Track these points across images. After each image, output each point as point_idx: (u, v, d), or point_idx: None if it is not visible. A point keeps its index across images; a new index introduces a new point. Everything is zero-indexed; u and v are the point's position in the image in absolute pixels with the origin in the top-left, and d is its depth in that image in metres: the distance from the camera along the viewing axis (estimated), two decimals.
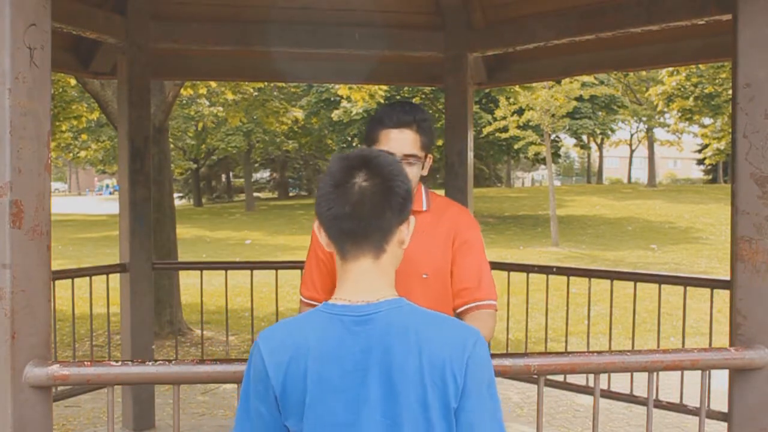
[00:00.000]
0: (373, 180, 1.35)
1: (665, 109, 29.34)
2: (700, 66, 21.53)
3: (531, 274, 4.93)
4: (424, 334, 1.30)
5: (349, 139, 30.62)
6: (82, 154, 21.26)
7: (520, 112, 21.07)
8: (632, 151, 45.15)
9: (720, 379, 3.27)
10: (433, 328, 1.32)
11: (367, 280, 1.36)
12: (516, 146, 26.53)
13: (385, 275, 1.39)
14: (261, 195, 42.26)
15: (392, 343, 1.29)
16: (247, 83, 10.41)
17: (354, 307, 1.33)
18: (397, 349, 1.28)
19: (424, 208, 2.12)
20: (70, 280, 4.55)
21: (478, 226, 2.16)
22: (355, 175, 1.36)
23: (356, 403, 1.28)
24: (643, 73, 30.39)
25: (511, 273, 5.04)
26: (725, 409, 2.26)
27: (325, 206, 1.37)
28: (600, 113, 31.88)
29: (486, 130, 24.39)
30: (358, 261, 1.37)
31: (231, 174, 43.11)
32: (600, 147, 45.84)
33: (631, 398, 4.48)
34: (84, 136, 17.93)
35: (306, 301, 2.21)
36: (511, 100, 20.76)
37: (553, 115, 19.35)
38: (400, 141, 2.01)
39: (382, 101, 13.53)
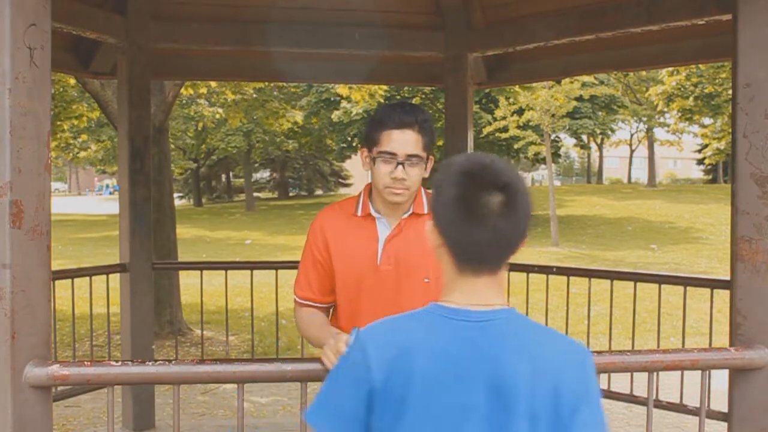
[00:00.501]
0: (509, 211, 1.30)
1: (665, 109, 29.35)
2: (700, 66, 21.55)
3: (531, 274, 4.92)
4: (537, 344, 1.29)
5: (349, 139, 30.61)
6: (82, 154, 21.27)
7: (520, 112, 21.07)
8: (632, 151, 45.16)
9: (720, 379, 3.27)
10: (547, 339, 1.31)
11: (482, 291, 1.34)
12: (516, 146, 26.50)
13: (500, 285, 1.36)
14: (261, 195, 42.25)
15: (504, 351, 1.27)
16: (247, 83, 10.41)
17: (467, 312, 1.31)
18: (508, 357, 1.26)
19: (426, 211, 2.10)
20: (70, 280, 4.54)
21: None
22: (489, 200, 1.29)
23: (462, 407, 1.25)
24: (643, 73, 30.41)
25: (511, 273, 4.97)
26: (725, 409, 2.26)
27: (455, 227, 1.31)
28: (600, 113, 31.86)
29: (486, 130, 24.39)
30: (476, 276, 1.34)
31: (231, 174, 43.11)
32: (600, 147, 45.85)
33: (631, 398, 4.48)
34: (84, 136, 17.94)
35: (301, 301, 2.17)
36: (511, 100, 20.76)
37: (553, 115, 19.35)
38: (402, 141, 1.99)
39: (382, 101, 13.52)
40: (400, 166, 1.99)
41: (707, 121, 29.06)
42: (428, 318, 1.32)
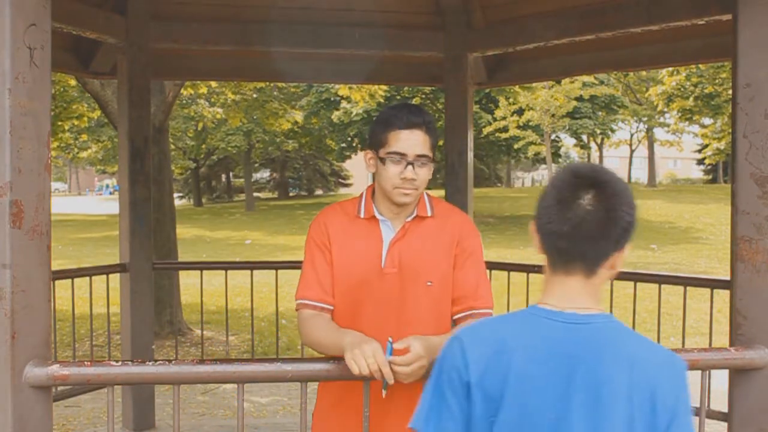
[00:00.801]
0: (597, 205, 1.31)
1: (665, 109, 29.35)
2: (700, 66, 21.54)
3: (531, 274, 4.92)
4: (635, 351, 1.30)
5: (349, 139, 30.62)
6: (82, 154, 21.26)
7: (520, 112, 21.10)
8: (632, 151, 45.13)
9: (720, 379, 3.26)
10: (644, 347, 1.32)
11: (576, 295, 1.35)
12: (516, 146, 26.55)
13: (594, 292, 1.37)
14: (261, 195, 42.22)
15: (602, 355, 1.28)
16: (247, 83, 10.41)
17: (565, 314, 1.33)
18: (606, 362, 1.27)
19: (429, 214, 2.08)
20: (70, 280, 4.55)
21: (479, 235, 2.15)
22: (581, 194, 1.32)
23: (557, 408, 1.28)
24: (643, 73, 30.40)
25: (511, 273, 5.03)
26: (725, 409, 2.26)
27: (545, 219, 1.35)
28: (600, 113, 31.88)
29: (486, 130, 24.40)
30: (567, 277, 1.36)
31: (231, 174, 43.09)
32: (600, 147, 45.81)
33: None
34: (84, 136, 17.93)
35: (312, 303, 2.04)
36: (511, 100, 20.79)
37: (553, 115, 19.39)
38: (411, 141, 1.97)
39: (382, 101, 13.50)
40: (410, 166, 1.96)
41: (707, 121, 29.06)
42: (526, 318, 1.35)
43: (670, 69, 22.64)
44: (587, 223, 1.31)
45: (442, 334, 2.02)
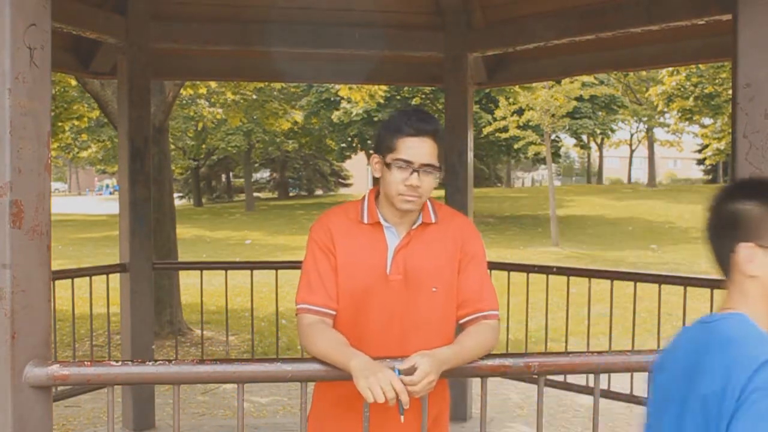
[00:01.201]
0: (713, 207, 1.46)
1: (665, 109, 29.34)
2: (700, 66, 21.52)
3: (531, 274, 4.92)
4: (729, 344, 1.31)
5: (349, 139, 30.62)
6: (82, 154, 21.27)
7: (520, 112, 21.07)
8: (632, 151, 45.16)
9: None
10: (744, 340, 1.32)
11: (726, 297, 1.45)
12: (516, 146, 26.52)
13: (740, 295, 1.41)
14: (261, 195, 42.22)
15: (700, 349, 1.36)
16: (247, 83, 10.42)
17: (708, 316, 1.45)
18: (700, 354, 1.35)
19: (433, 220, 2.07)
20: (70, 280, 4.55)
21: (480, 237, 2.15)
22: (717, 202, 1.46)
23: (666, 396, 1.45)
24: (643, 73, 30.39)
25: (511, 273, 5.03)
26: None
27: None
28: (600, 113, 31.88)
29: (486, 130, 24.37)
30: (725, 280, 1.46)
31: (231, 174, 43.10)
32: (600, 147, 45.84)
33: (631, 398, 4.48)
34: (84, 136, 17.94)
35: (316, 309, 1.99)
36: (511, 100, 20.77)
37: (553, 115, 19.37)
38: (419, 150, 1.96)
39: (382, 101, 13.46)
40: (415, 174, 1.95)
41: (707, 121, 29.05)
42: (693, 324, 1.50)
43: (670, 69, 22.62)
44: (706, 223, 1.48)
45: (447, 339, 2.02)
